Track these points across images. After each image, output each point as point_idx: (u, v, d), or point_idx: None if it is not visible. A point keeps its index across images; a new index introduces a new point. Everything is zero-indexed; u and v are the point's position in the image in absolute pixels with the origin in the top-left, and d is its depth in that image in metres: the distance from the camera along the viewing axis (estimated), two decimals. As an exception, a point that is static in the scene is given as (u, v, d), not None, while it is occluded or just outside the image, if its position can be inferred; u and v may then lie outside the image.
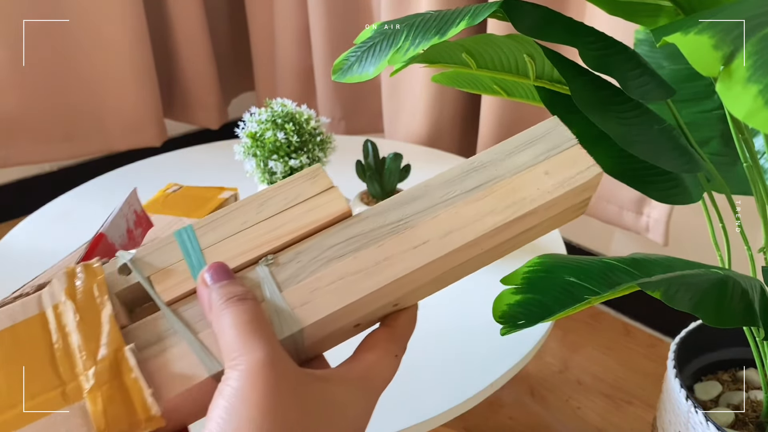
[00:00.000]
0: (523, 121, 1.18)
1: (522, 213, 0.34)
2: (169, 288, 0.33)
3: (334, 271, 0.33)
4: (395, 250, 0.33)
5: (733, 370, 0.83)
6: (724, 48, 0.32)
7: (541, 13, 0.51)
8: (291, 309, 0.32)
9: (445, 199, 0.35)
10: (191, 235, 0.35)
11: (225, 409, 0.28)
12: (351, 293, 0.32)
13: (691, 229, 1.17)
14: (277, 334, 0.31)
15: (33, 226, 0.90)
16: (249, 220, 0.35)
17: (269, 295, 0.32)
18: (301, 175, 0.36)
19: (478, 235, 0.34)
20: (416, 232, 0.34)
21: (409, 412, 0.57)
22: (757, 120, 0.29)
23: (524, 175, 0.36)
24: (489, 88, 0.70)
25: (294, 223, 0.35)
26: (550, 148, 0.37)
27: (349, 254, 0.33)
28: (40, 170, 1.69)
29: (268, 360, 0.29)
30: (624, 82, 0.51)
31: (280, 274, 0.33)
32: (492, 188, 0.35)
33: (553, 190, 0.35)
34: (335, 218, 0.35)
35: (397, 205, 0.35)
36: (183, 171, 1.07)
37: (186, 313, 0.32)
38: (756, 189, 0.59)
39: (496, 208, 0.34)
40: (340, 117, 1.48)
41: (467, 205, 0.35)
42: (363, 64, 0.55)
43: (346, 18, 1.37)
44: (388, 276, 0.33)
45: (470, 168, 0.36)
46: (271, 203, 0.35)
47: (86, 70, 1.40)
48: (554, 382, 1.24)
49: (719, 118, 0.69)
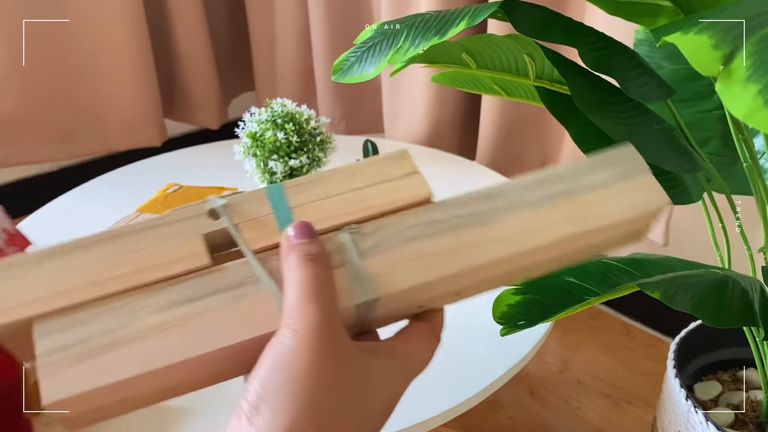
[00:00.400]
0: (523, 121, 1.18)
1: (593, 227, 0.36)
2: (256, 238, 0.34)
3: (413, 250, 0.34)
4: (472, 240, 0.35)
5: (733, 370, 0.83)
6: (724, 48, 0.32)
7: (540, 13, 0.51)
8: (369, 277, 0.33)
9: (523, 202, 0.36)
10: (281, 192, 0.36)
11: (275, 362, 0.29)
12: (426, 273, 0.34)
13: (691, 229, 1.17)
14: (353, 299, 0.32)
15: (33, 226, 0.91)
16: (337, 188, 0.37)
17: (350, 261, 0.33)
18: (390, 156, 0.38)
19: (551, 240, 0.36)
20: (494, 227, 0.36)
21: (409, 412, 0.57)
22: (756, 120, 0.29)
23: (599, 192, 0.37)
24: (489, 88, 0.70)
25: (379, 198, 0.36)
26: (624, 172, 0.38)
27: (427, 237, 0.35)
28: (40, 170, 1.69)
29: (322, 325, 0.30)
30: (624, 82, 0.51)
31: (362, 243, 0.34)
32: (568, 199, 0.37)
33: (625, 211, 0.37)
34: (417, 201, 0.36)
35: (475, 200, 0.36)
36: (183, 171, 1.07)
37: (269, 265, 0.33)
38: (756, 189, 0.59)
39: (570, 218, 0.36)
40: (340, 117, 1.48)
41: (544, 211, 0.36)
42: (363, 64, 0.55)
43: (347, 18, 1.37)
44: (461, 263, 0.34)
45: (547, 178, 0.37)
46: (359, 177, 0.37)
47: (86, 70, 1.40)
48: (554, 382, 1.24)
49: (719, 118, 0.69)
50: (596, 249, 0.40)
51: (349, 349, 0.31)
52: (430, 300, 0.36)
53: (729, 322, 0.46)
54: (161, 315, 0.32)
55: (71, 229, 0.89)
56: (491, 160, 1.21)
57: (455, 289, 0.36)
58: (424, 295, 0.35)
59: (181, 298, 0.32)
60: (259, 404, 0.29)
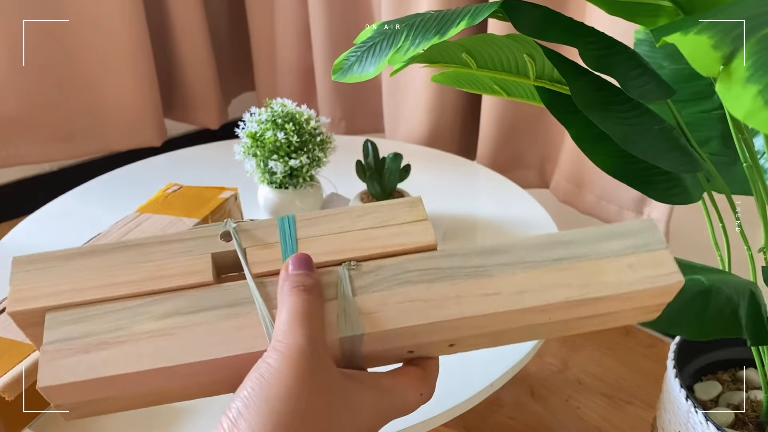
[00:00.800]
0: (523, 121, 1.19)
1: (596, 295, 0.36)
2: (259, 263, 0.36)
3: (407, 294, 0.35)
4: (468, 292, 0.35)
5: (732, 370, 0.83)
6: (724, 48, 0.32)
7: (541, 13, 0.51)
8: (358, 313, 0.34)
9: (528, 260, 0.36)
10: (292, 224, 0.39)
11: (258, 381, 0.31)
12: (416, 317, 0.34)
13: (691, 229, 1.17)
14: (338, 332, 0.34)
15: (33, 226, 0.91)
16: (346, 226, 0.38)
17: (342, 295, 0.35)
18: (402, 201, 0.39)
19: (549, 302, 0.35)
20: (492, 282, 0.36)
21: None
22: (756, 120, 0.29)
23: (609, 262, 0.37)
24: (489, 88, 0.70)
25: (383, 240, 0.38)
26: (639, 245, 0.38)
27: (423, 282, 0.36)
28: (41, 170, 1.69)
29: (307, 349, 0.32)
30: (624, 82, 0.51)
31: (358, 280, 0.36)
32: (575, 264, 0.36)
33: (632, 284, 0.36)
34: (421, 247, 0.38)
35: (480, 253, 0.37)
36: (183, 171, 1.07)
37: (267, 289, 0.35)
38: (756, 189, 0.59)
39: (573, 283, 0.36)
40: (340, 117, 1.48)
41: (547, 273, 0.36)
42: (363, 64, 0.55)
43: (347, 18, 1.37)
44: (454, 313, 0.35)
45: (558, 240, 0.37)
46: (369, 217, 0.39)
47: (86, 70, 1.40)
48: (554, 382, 1.24)
49: (719, 118, 0.69)
50: (603, 322, 0.39)
51: (331, 375, 0.32)
52: (420, 347, 0.37)
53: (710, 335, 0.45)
54: (157, 322, 0.34)
55: (71, 229, 0.89)
56: (491, 160, 1.21)
57: (446, 338, 0.37)
58: (412, 340, 0.36)
59: (179, 309, 0.35)
60: (239, 420, 0.30)
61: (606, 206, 1.13)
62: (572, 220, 1.32)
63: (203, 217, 0.78)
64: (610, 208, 1.12)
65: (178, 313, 0.35)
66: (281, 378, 0.31)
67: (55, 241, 0.86)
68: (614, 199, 1.11)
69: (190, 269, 0.36)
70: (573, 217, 1.27)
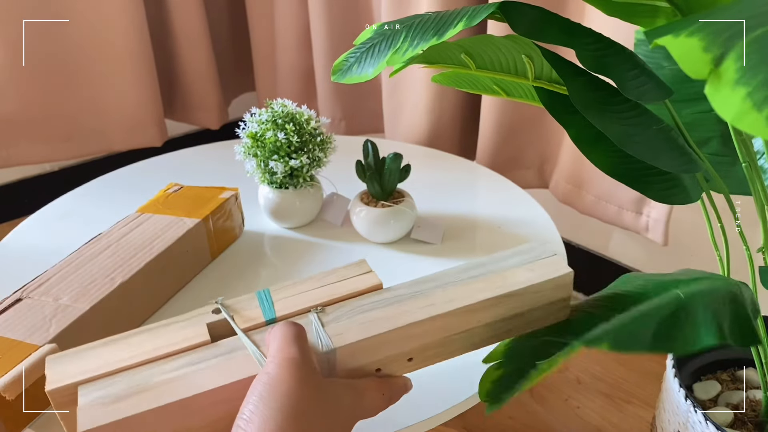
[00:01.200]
0: (522, 121, 1.19)
1: (508, 291, 0.48)
2: (245, 320, 0.48)
3: (364, 318, 0.47)
4: (411, 307, 0.47)
5: (732, 370, 0.83)
6: (714, 50, 0.32)
7: (538, 14, 0.51)
8: (329, 336, 0.45)
9: (453, 280, 0.50)
10: (268, 294, 0.50)
11: (263, 386, 0.38)
12: (373, 329, 0.46)
13: (690, 230, 1.17)
14: (317, 350, 0.44)
15: (34, 226, 0.91)
16: (310, 287, 0.50)
17: (314, 329, 0.46)
18: (351, 265, 0.53)
19: (473, 302, 0.47)
20: (428, 298, 0.48)
21: (408, 411, 0.58)
22: (745, 123, 0.29)
23: (513, 270, 0.50)
24: (488, 89, 0.70)
25: (341, 289, 0.50)
26: (533, 257, 0.52)
27: (376, 308, 0.47)
28: (41, 170, 1.69)
29: (299, 359, 0.40)
30: (622, 82, 0.51)
31: (324, 317, 0.47)
32: (488, 277, 0.50)
33: (533, 279, 0.49)
34: (370, 288, 0.50)
35: (416, 283, 0.50)
36: (183, 171, 1.07)
37: (254, 337, 0.46)
38: (754, 189, 0.59)
39: (488, 288, 0.49)
40: (340, 117, 1.48)
41: (468, 285, 0.49)
42: (362, 65, 0.55)
43: (347, 19, 1.37)
44: (402, 321, 0.46)
45: (473, 264, 0.52)
46: (328, 278, 0.51)
47: (87, 70, 1.40)
48: (554, 381, 1.24)
49: (718, 119, 0.69)
50: (527, 322, 0.51)
51: (320, 379, 0.41)
52: (384, 363, 0.47)
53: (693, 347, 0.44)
54: (170, 374, 0.43)
55: (72, 229, 0.90)
56: (491, 160, 1.22)
57: (402, 351, 0.47)
58: (376, 355, 0.46)
59: (186, 363, 0.44)
60: (252, 416, 0.37)
61: (605, 206, 1.13)
62: (572, 220, 1.32)
63: (203, 217, 0.79)
64: (609, 209, 1.12)
65: (186, 365, 0.44)
66: (283, 381, 0.38)
67: (56, 241, 0.87)
68: (613, 199, 1.11)
69: (191, 336, 0.46)
70: (572, 217, 1.27)
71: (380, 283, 0.50)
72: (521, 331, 0.50)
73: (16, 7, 1.28)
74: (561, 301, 0.50)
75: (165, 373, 0.43)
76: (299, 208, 0.86)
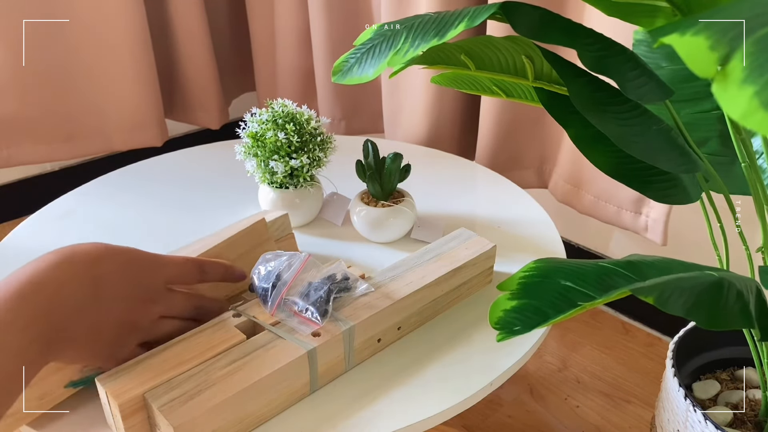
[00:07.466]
0: (522, 121, 1.19)
1: (458, 265, 0.67)
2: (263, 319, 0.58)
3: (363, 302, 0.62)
4: (394, 288, 0.64)
5: (731, 369, 0.84)
6: (721, 49, 0.32)
7: (539, 14, 0.52)
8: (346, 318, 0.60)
9: (416, 263, 0.68)
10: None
11: None
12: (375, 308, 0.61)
13: (690, 229, 1.17)
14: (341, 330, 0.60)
15: (34, 226, 0.91)
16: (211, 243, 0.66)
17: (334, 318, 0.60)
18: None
19: (438, 276, 0.65)
20: (404, 279, 0.65)
21: (408, 411, 0.58)
22: (752, 121, 0.29)
23: (455, 250, 0.70)
24: (488, 89, 0.70)
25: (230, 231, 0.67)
26: (464, 239, 0.72)
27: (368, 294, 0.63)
28: (42, 170, 1.69)
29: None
30: (622, 83, 0.51)
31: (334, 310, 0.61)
32: (440, 256, 0.69)
33: (472, 254, 0.69)
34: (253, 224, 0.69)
35: (388, 271, 0.66)
36: (184, 171, 1.07)
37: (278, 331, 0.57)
38: (754, 189, 0.59)
39: (444, 265, 0.67)
40: (340, 117, 1.48)
41: (428, 265, 0.67)
42: (362, 65, 0.55)
43: (347, 19, 1.37)
44: (394, 298, 0.62)
45: (426, 251, 0.70)
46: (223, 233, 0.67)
47: (87, 70, 1.40)
48: (553, 380, 1.24)
49: (717, 119, 0.69)
50: (469, 288, 0.71)
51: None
52: (383, 334, 0.62)
53: (724, 325, 0.46)
54: (225, 369, 0.52)
55: (73, 229, 0.90)
56: (491, 160, 1.22)
57: (396, 322, 0.63)
58: (379, 327, 0.61)
59: (234, 358, 0.54)
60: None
61: (604, 206, 1.13)
62: (571, 220, 1.32)
63: None
64: (609, 208, 1.13)
65: (235, 360, 0.53)
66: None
67: (57, 241, 0.87)
68: (612, 199, 1.12)
69: (228, 338, 0.56)
70: (572, 217, 1.27)
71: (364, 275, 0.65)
72: (467, 294, 0.71)
73: (17, 7, 1.28)
74: (489, 268, 0.72)
75: (221, 369, 0.52)
76: (299, 208, 0.86)
